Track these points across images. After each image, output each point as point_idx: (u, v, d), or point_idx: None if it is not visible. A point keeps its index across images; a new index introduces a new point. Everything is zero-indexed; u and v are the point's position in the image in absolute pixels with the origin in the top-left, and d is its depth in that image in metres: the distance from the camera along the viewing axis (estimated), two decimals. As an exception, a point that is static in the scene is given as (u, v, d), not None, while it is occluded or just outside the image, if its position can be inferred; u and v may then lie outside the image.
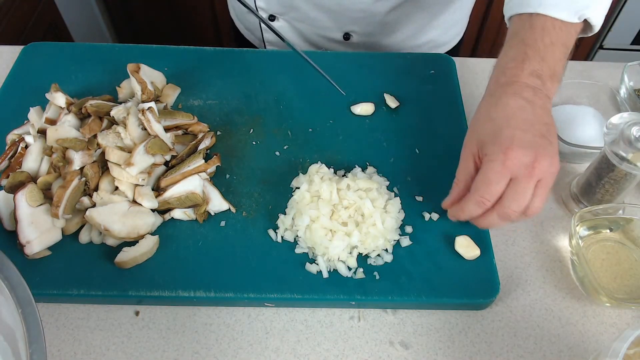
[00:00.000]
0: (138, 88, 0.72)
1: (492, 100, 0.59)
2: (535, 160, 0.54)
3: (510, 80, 0.58)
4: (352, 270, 0.61)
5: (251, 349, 0.59)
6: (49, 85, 0.72)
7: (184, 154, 0.68)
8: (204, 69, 0.80)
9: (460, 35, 1.01)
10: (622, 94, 0.79)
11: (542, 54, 0.58)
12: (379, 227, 0.61)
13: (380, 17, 0.87)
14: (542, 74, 0.58)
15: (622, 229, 0.67)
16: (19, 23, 1.46)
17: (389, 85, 0.79)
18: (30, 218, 0.60)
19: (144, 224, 0.62)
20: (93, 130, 0.67)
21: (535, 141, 0.55)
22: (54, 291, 0.59)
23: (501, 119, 0.57)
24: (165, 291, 0.59)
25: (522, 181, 0.54)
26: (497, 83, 0.60)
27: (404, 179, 0.69)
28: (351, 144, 0.73)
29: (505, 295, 0.63)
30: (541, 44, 0.59)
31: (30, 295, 0.43)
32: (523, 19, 0.60)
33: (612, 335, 0.61)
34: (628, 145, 0.59)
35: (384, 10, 0.86)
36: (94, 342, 0.59)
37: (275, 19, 0.91)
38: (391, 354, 0.59)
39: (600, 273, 0.64)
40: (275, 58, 0.82)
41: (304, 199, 0.63)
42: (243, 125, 0.74)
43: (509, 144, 0.54)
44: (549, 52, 0.59)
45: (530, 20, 0.59)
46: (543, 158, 0.54)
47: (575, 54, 0.64)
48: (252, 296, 0.59)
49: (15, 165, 0.66)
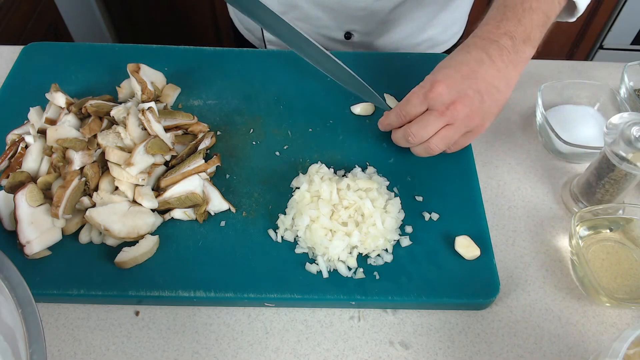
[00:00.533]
0: (138, 88, 0.72)
1: (461, 49, 0.63)
2: (452, 103, 0.59)
3: (483, 36, 0.62)
4: (352, 270, 0.61)
5: (251, 349, 0.59)
6: (49, 85, 0.72)
7: (184, 154, 0.68)
8: (204, 69, 0.80)
9: (459, 35, 1.01)
10: (622, 94, 0.79)
11: (519, 16, 0.61)
12: (379, 227, 0.61)
13: (381, 15, 0.87)
14: (515, 35, 0.61)
15: (622, 229, 0.67)
16: (19, 23, 1.46)
17: (389, 85, 0.79)
18: (30, 218, 0.60)
19: (144, 224, 0.62)
20: (93, 130, 0.67)
21: (466, 91, 0.60)
22: (54, 291, 0.59)
23: (455, 62, 0.62)
24: (165, 291, 0.59)
25: (433, 114, 0.61)
26: (472, 37, 0.64)
27: (404, 179, 0.69)
28: (351, 144, 0.73)
29: (505, 295, 0.63)
30: (520, 8, 0.62)
31: (30, 295, 0.43)
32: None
33: (612, 335, 0.61)
34: (628, 145, 0.59)
35: (385, 8, 0.86)
36: (94, 342, 0.59)
37: None
38: (391, 354, 0.59)
39: (600, 273, 0.64)
40: (275, 58, 0.82)
41: (304, 199, 0.63)
42: (243, 125, 0.74)
43: (440, 80, 0.60)
44: (527, 16, 0.61)
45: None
46: (462, 105, 0.59)
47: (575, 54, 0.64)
48: (252, 296, 0.59)
49: (15, 165, 0.66)
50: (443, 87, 0.60)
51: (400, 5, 0.86)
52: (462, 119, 0.61)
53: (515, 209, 0.71)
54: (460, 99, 0.60)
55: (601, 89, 0.78)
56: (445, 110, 0.60)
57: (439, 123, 0.61)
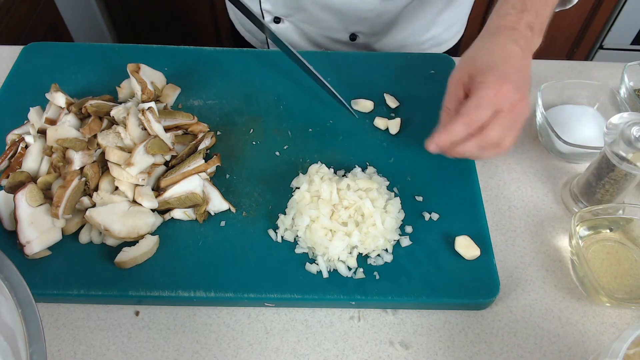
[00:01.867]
0: (138, 88, 0.72)
1: (492, 38, 0.63)
2: (520, 100, 0.58)
3: (509, 26, 0.62)
4: (352, 270, 0.61)
5: (251, 349, 0.59)
6: (49, 85, 0.72)
7: (184, 154, 0.68)
8: (204, 69, 0.80)
9: (460, 33, 1.01)
10: (622, 94, 0.79)
11: (537, 8, 0.63)
12: (379, 227, 0.61)
13: (387, 16, 0.87)
14: (534, 27, 0.63)
15: (622, 229, 0.67)
16: (19, 23, 1.46)
17: (389, 85, 0.79)
18: (30, 218, 0.60)
19: (144, 224, 0.62)
20: (93, 130, 0.67)
21: (523, 87, 0.60)
22: (54, 291, 0.59)
23: (499, 56, 0.60)
24: (165, 291, 0.59)
25: (507, 115, 0.58)
26: (496, 25, 0.64)
27: (404, 179, 0.69)
28: (351, 144, 0.73)
29: (505, 295, 0.63)
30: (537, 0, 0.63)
31: (30, 295, 0.43)
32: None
33: (612, 335, 0.61)
34: (628, 145, 0.59)
35: (392, 9, 0.86)
36: (94, 342, 0.59)
37: (281, 21, 0.91)
38: (391, 354, 0.59)
39: (600, 273, 0.64)
40: (276, 58, 0.82)
41: (304, 199, 0.63)
42: (243, 125, 0.74)
43: (506, 78, 0.58)
44: (542, 8, 0.64)
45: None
46: (524, 101, 0.59)
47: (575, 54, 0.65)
48: (252, 296, 0.59)
49: (15, 165, 0.66)
50: (509, 86, 0.58)
51: (406, 6, 0.86)
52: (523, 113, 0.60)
53: (515, 209, 0.71)
54: (523, 94, 0.59)
55: (601, 89, 0.78)
56: (514, 108, 0.58)
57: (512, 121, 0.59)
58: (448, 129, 0.59)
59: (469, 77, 0.61)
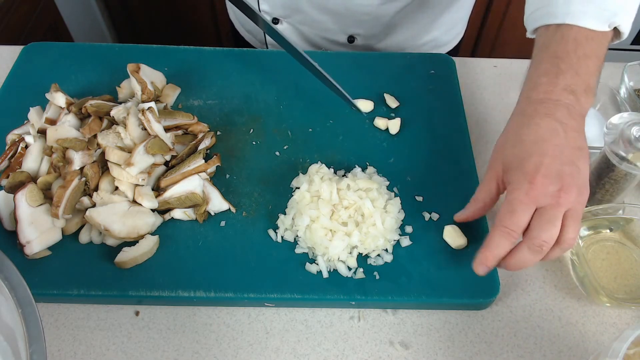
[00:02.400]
0: (138, 88, 0.72)
1: (523, 120, 0.56)
2: (561, 189, 0.51)
3: (543, 97, 0.55)
4: (352, 270, 0.61)
5: (251, 349, 0.59)
6: (49, 85, 0.72)
7: (184, 154, 0.68)
8: (204, 69, 0.80)
9: (461, 35, 1.01)
10: (622, 94, 0.79)
11: (575, 67, 0.55)
12: (379, 227, 0.61)
13: (385, 19, 0.87)
14: (576, 89, 0.55)
15: (622, 229, 0.67)
16: (19, 23, 1.46)
17: (389, 85, 0.79)
18: (30, 218, 0.60)
19: (144, 224, 0.62)
20: (93, 130, 0.67)
21: (563, 169, 0.52)
22: (54, 291, 0.59)
23: (530, 143, 0.54)
24: (165, 291, 0.59)
25: (549, 210, 0.52)
26: (528, 100, 0.56)
27: (404, 179, 0.69)
28: (351, 144, 0.73)
29: (505, 295, 0.63)
30: (574, 57, 0.55)
31: (30, 295, 0.43)
32: (551, 30, 0.57)
33: (612, 335, 0.61)
34: (628, 145, 0.59)
35: (390, 12, 0.85)
36: (94, 342, 0.59)
37: (279, 22, 0.91)
38: (391, 354, 0.59)
39: (600, 273, 0.64)
40: (275, 58, 0.82)
41: (304, 199, 0.63)
42: (243, 125, 0.74)
43: (535, 172, 0.52)
44: (583, 65, 0.55)
45: (560, 32, 0.56)
46: (570, 188, 0.52)
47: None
48: (252, 296, 0.59)
49: (15, 165, 0.66)
50: (541, 178, 0.52)
51: (404, 8, 0.86)
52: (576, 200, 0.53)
53: (515, 209, 0.71)
54: (565, 181, 0.52)
55: (601, 89, 0.78)
56: (558, 200, 0.52)
57: (559, 214, 0.52)
58: (487, 244, 0.54)
59: (502, 170, 0.56)
